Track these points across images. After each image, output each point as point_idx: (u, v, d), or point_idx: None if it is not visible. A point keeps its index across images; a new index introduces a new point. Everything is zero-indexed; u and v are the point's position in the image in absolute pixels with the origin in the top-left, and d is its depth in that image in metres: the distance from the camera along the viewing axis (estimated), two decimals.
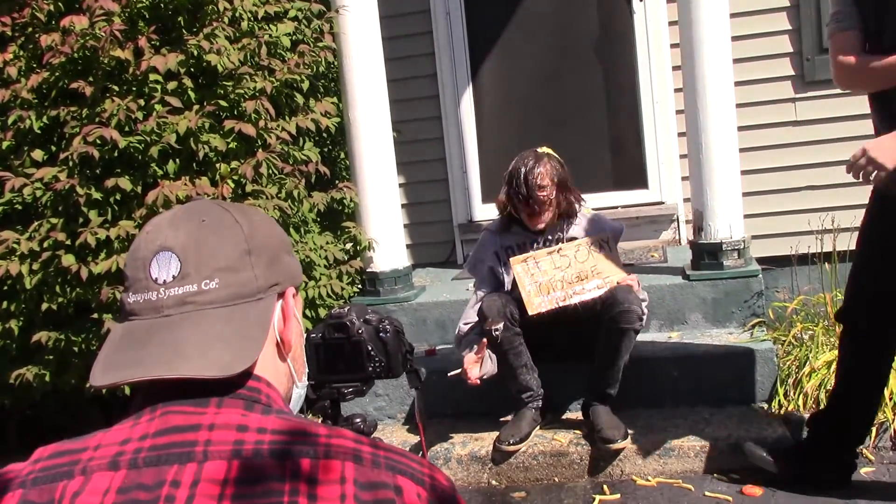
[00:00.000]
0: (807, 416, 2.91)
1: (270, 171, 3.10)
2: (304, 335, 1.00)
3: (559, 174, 2.94)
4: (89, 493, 0.78)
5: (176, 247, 0.86)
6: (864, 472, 2.73)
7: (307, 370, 1.00)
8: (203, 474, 0.77)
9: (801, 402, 2.99)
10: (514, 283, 2.96)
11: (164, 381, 0.81)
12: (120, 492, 0.77)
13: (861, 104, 2.54)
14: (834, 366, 3.00)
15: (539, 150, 3.00)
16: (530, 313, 2.88)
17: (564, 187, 2.96)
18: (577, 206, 3.03)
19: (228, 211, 0.90)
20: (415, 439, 3.17)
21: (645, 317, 2.86)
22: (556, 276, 2.89)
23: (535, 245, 3.04)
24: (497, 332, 2.84)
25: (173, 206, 0.92)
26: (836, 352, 3.05)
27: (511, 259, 2.94)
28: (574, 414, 3.15)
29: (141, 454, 0.79)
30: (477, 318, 2.95)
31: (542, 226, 2.98)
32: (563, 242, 2.99)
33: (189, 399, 0.82)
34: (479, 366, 2.82)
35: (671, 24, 4.13)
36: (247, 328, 0.86)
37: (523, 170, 2.90)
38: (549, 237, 3.03)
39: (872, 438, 2.86)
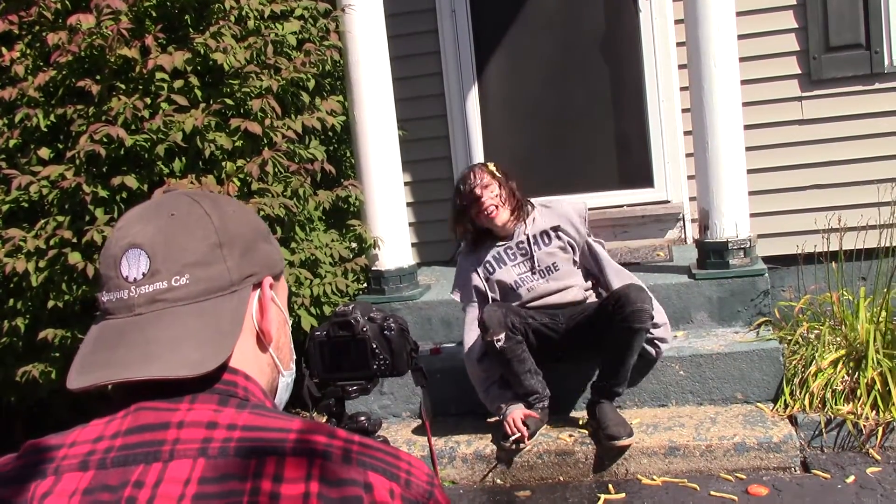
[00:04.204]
0: (814, 415, 2.91)
1: (276, 170, 3.11)
2: (290, 322, 0.97)
3: (497, 171, 3.09)
4: (57, 495, 0.78)
5: (145, 243, 0.84)
6: (871, 471, 2.71)
7: (294, 357, 0.97)
8: (166, 474, 0.76)
9: (807, 402, 2.97)
10: (505, 291, 3.06)
11: (140, 379, 0.80)
12: (86, 493, 0.77)
13: (867, 104, 2.53)
14: (840, 365, 2.99)
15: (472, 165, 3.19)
16: None
17: (506, 180, 3.09)
18: (526, 203, 3.13)
19: (198, 203, 0.88)
20: (419, 438, 3.17)
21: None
22: None
23: (508, 252, 3.10)
24: (499, 343, 2.86)
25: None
26: (842, 351, 3.05)
27: None
28: (579, 413, 3.15)
29: (111, 454, 0.79)
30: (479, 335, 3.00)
31: (503, 223, 3.06)
32: (533, 243, 3.07)
33: (164, 395, 0.81)
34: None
35: (677, 22, 4.12)
36: (219, 323, 0.84)
37: (462, 185, 3.08)
38: (520, 240, 3.09)
39: (879, 438, 2.85)
